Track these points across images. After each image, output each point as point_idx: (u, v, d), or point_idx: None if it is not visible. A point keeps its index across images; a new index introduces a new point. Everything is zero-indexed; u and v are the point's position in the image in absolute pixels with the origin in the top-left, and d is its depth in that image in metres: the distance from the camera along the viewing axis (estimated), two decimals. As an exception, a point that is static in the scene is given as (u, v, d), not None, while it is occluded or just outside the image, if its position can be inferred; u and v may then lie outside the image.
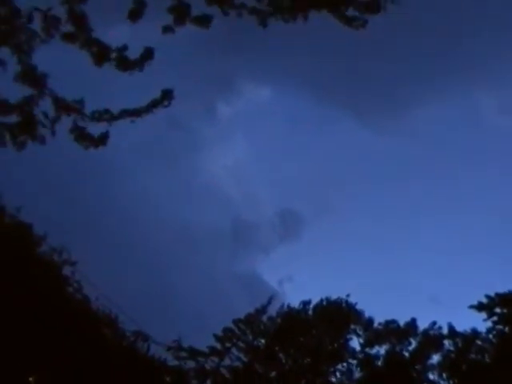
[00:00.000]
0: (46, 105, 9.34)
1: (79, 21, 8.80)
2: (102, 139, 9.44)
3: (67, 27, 8.92)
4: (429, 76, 64.88)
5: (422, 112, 69.87)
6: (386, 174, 70.43)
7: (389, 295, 53.83)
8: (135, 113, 9.42)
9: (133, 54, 9.37)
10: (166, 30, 9.14)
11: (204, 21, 9.09)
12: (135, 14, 8.88)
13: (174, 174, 63.39)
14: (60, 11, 9.08)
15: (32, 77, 9.17)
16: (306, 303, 40.00)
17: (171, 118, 55.90)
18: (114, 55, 8.98)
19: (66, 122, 9.46)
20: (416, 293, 59.55)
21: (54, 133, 9.21)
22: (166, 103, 9.45)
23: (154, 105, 9.43)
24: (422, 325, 39.24)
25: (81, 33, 8.90)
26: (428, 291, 69.06)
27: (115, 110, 9.47)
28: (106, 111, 9.36)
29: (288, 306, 39.98)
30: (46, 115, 9.13)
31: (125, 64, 9.05)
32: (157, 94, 9.54)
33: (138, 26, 9.36)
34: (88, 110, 9.45)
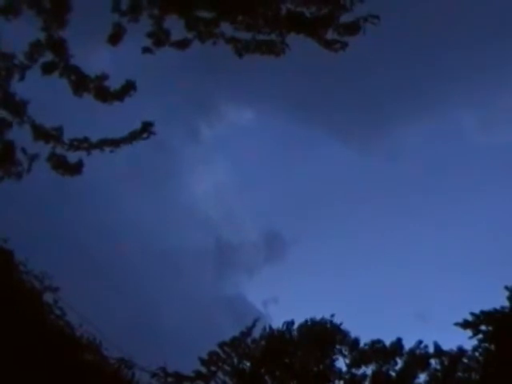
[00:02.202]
0: (26, 132, 9.21)
1: (58, 48, 8.71)
2: (77, 168, 9.31)
3: (46, 56, 8.84)
4: (410, 94, 65.48)
5: (405, 131, 70.43)
6: (371, 194, 70.65)
7: (375, 314, 53.72)
8: (114, 143, 9.31)
9: (113, 79, 9.30)
10: (145, 51, 9.13)
11: (182, 45, 9.09)
12: (115, 38, 8.83)
13: (156, 197, 63.10)
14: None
15: (11, 104, 9.05)
16: (288, 324, 39.83)
17: (154, 140, 55.65)
18: (92, 85, 8.88)
19: (48, 147, 9.33)
20: (402, 311, 59.65)
21: (29, 169, 9.08)
22: (145, 136, 9.37)
23: (133, 137, 9.33)
24: (409, 343, 39.28)
25: (60, 60, 8.81)
26: (414, 309, 69.10)
27: (94, 134, 9.37)
28: (85, 139, 9.25)
29: (270, 328, 39.76)
30: (24, 151, 9.00)
31: (104, 94, 8.96)
32: (137, 123, 9.44)
33: (120, 50, 9.31)
34: (67, 137, 9.33)
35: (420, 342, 39.03)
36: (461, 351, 37.50)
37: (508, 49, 58.84)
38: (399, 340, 39.26)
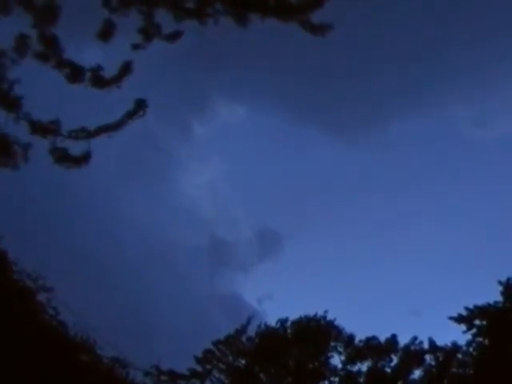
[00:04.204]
0: (21, 128, 9.14)
1: (50, 43, 8.65)
2: (85, 158, 9.22)
3: (38, 48, 8.77)
4: (405, 90, 65.42)
5: (399, 126, 70.32)
6: (365, 190, 70.49)
7: (370, 311, 53.75)
8: (111, 127, 9.24)
9: (107, 73, 9.24)
10: (136, 47, 9.04)
11: (173, 37, 9.01)
12: (105, 34, 8.75)
13: (150, 195, 62.88)
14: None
15: (6, 101, 8.98)
16: (283, 321, 39.84)
17: (147, 137, 55.66)
18: (88, 75, 8.84)
19: (43, 144, 9.27)
20: (397, 308, 59.63)
21: (27, 159, 9.01)
22: (140, 113, 9.27)
23: (128, 116, 9.24)
24: (404, 339, 39.34)
25: (52, 54, 8.74)
26: (409, 306, 69.16)
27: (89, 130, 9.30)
28: (83, 129, 9.19)
29: (265, 325, 39.77)
30: (17, 142, 8.93)
31: (101, 82, 8.89)
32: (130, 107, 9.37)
33: (110, 47, 9.24)
34: (63, 128, 9.27)
35: (415, 338, 39.14)
36: (455, 347, 37.61)
37: (502, 45, 58.98)
38: (394, 336, 39.35)
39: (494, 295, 35.76)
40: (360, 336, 39.52)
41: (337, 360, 39.36)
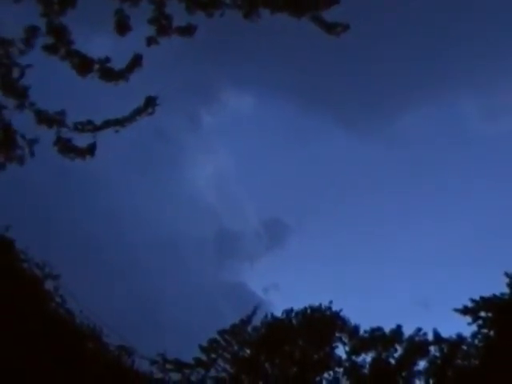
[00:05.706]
0: (26, 117, 9.16)
1: (59, 33, 8.63)
2: (90, 150, 9.23)
3: (47, 39, 8.76)
4: (413, 84, 65.40)
5: (407, 120, 70.35)
6: (372, 182, 70.67)
7: (375, 301, 53.91)
8: (119, 122, 9.21)
9: (116, 65, 9.21)
10: (151, 41, 8.95)
11: (187, 30, 8.95)
12: (122, 27, 8.70)
13: (158, 185, 62.99)
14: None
15: (13, 90, 9.00)
16: (288, 312, 39.93)
17: (155, 127, 55.71)
18: (97, 66, 8.82)
19: (49, 134, 9.28)
20: (403, 298, 59.86)
21: (32, 154, 9.03)
22: (150, 110, 9.23)
23: (137, 113, 9.21)
24: (409, 331, 39.34)
25: (61, 45, 8.73)
26: (414, 296, 69.41)
27: (97, 121, 9.29)
28: (89, 122, 9.17)
29: (272, 316, 39.88)
30: (23, 136, 8.95)
31: (109, 74, 8.85)
32: (140, 103, 9.34)
33: (120, 37, 9.19)
34: (70, 121, 9.27)
35: (419, 329, 39.12)
36: (460, 338, 37.61)
37: (510, 37, 58.86)
38: (399, 327, 39.34)
39: (500, 287, 35.71)
40: (365, 327, 39.64)
41: (341, 350, 39.49)
